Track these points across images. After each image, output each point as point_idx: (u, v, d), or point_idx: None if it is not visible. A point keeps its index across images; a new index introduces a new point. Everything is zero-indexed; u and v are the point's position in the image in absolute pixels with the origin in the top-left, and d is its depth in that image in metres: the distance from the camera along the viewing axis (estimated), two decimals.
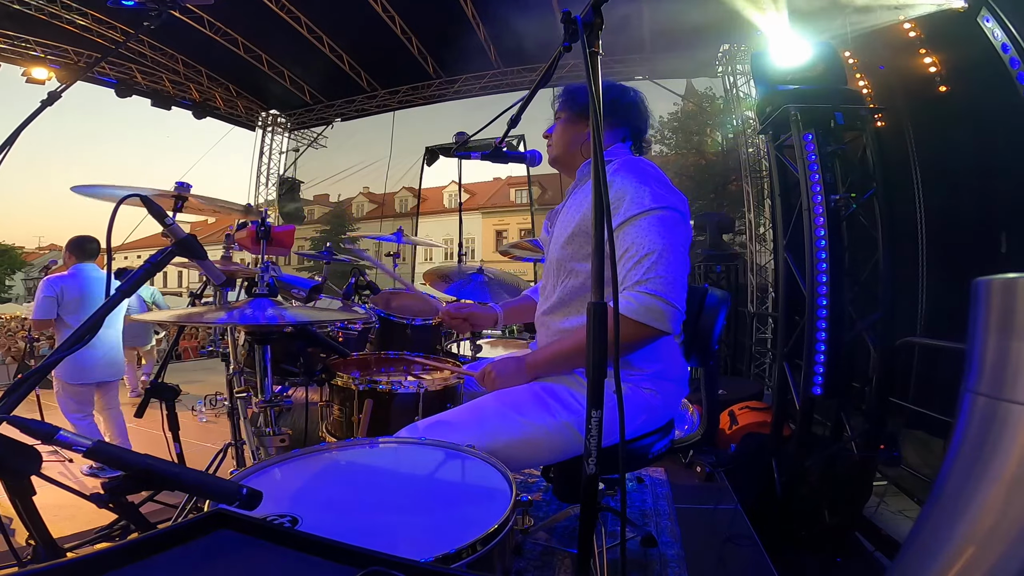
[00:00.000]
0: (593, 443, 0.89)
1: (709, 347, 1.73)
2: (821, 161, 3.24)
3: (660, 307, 1.25)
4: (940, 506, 1.21)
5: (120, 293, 1.07)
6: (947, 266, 3.78)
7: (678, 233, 1.34)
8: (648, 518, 2.42)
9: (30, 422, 0.74)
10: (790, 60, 3.44)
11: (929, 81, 3.59)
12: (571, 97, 1.57)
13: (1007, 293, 1.15)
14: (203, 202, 1.91)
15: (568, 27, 1.00)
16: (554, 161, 1.63)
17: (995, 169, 3.37)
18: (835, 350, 3.17)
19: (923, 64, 3.60)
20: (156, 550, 0.55)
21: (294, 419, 2.11)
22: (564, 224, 1.52)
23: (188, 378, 6.91)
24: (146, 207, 1.23)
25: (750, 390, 5.08)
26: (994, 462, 1.09)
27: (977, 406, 1.17)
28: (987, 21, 2.91)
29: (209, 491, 0.76)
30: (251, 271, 2.31)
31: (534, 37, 6.14)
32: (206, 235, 22.32)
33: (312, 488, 1.06)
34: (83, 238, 3.56)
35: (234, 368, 2.26)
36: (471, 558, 0.77)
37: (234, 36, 8.42)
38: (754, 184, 7.73)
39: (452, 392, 1.76)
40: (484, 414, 1.39)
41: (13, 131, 1.56)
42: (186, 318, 1.92)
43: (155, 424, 2.26)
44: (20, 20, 7.31)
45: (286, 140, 11.83)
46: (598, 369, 0.88)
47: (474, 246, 23.62)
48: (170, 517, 2.18)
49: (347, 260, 3.47)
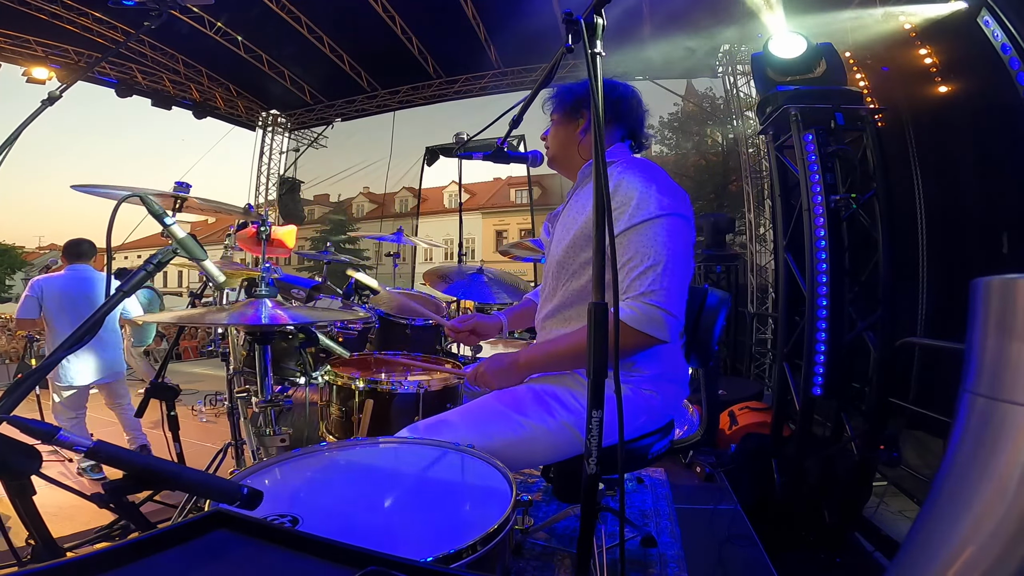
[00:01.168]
0: (594, 443, 0.89)
1: (709, 348, 1.73)
2: (821, 161, 3.23)
3: (661, 317, 1.26)
4: (939, 506, 1.21)
5: (120, 293, 1.07)
6: (948, 266, 3.79)
7: (681, 240, 1.34)
8: (648, 518, 2.42)
9: (30, 422, 0.74)
10: (790, 60, 3.43)
11: (930, 82, 3.60)
12: (561, 97, 1.57)
13: (1006, 294, 1.15)
14: (202, 203, 1.91)
15: (570, 28, 1.00)
16: (552, 162, 1.63)
17: (996, 170, 3.37)
18: (835, 350, 3.17)
19: (924, 65, 3.60)
20: (156, 550, 0.55)
21: (294, 419, 2.11)
22: (566, 226, 1.51)
23: (188, 378, 6.92)
24: (146, 207, 1.24)
25: (750, 390, 5.07)
26: (993, 462, 1.09)
27: (976, 407, 1.17)
28: (987, 24, 2.91)
29: (209, 491, 0.77)
30: (251, 271, 2.31)
31: (534, 37, 6.14)
32: (206, 235, 22.33)
33: (312, 488, 1.06)
34: (76, 240, 3.64)
35: (234, 368, 2.27)
36: (471, 558, 0.77)
37: (234, 36, 8.42)
38: (754, 184, 7.73)
39: (452, 392, 1.76)
40: (484, 414, 1.39)
41: (14, 131, 1.56)
42: (186, 319, 1.92)
43: (155, 424, 2.27)
44: (21, 19, 7.31)
45: (286, 140, 11.84)
46: (598, 370, 0.89)
47: (474, 246, 23.63)
48: (170, 517, 2.18)
49: (346, 260, 3.47)
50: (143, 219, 1.38)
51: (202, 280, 2.47)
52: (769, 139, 3.86)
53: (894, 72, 3.77)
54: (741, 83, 7.69)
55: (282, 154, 11.84)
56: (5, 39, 7.74)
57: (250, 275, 2.25)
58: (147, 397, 2.20)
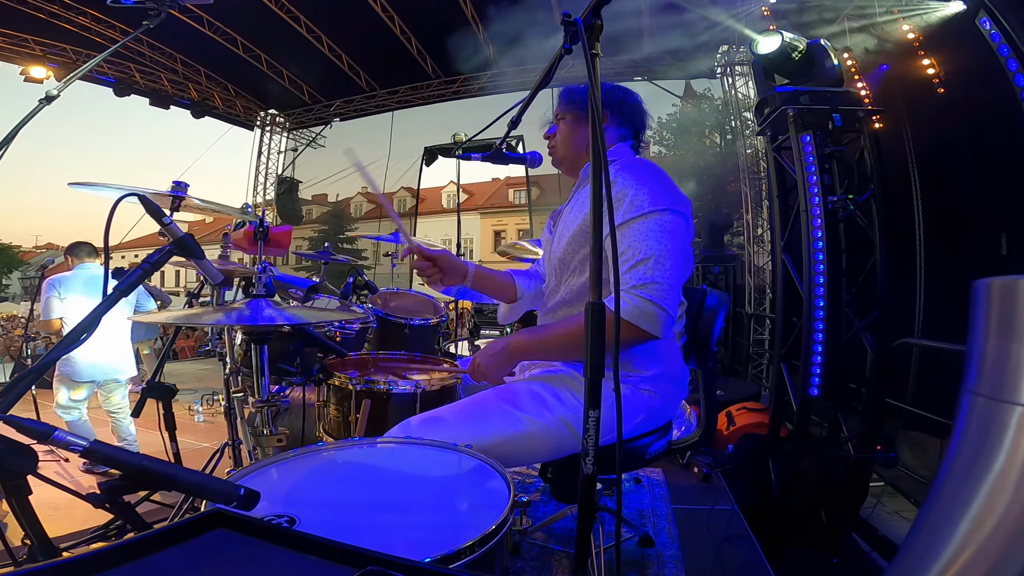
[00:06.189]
0: (590, 443, 0.89)
1: (708, 349, 1.73)
2: (819, 162, 3.24)
3: (654, 312, 1.24)
4: (939, 507, 1.21)
5: (117, 292, 1.06)
6: (945, 268, 3.79)
7: (676, 236, 1.33)
8: (645, 518, 2.42)
9: (27, 421, 0.73)
10: (789, 62, 3.43)
11: (927, 83, 3.60)
12: (576, 98, 1.57)
13: (1007, 295, 1.15)
14: (200, 203, 1.90)
15: (568, 29, 1.00)
16: (559, 162, 1.63)
17: (994, 171, 3.37)
18: (832, 351, 3.18)
19: (921, 66, 3.61)
20: (153, 549, 0.55)
21: (291, 419, 2.10)
22: (567, 223, 1.53)
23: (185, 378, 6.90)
24: (144, 206, 1.23)
25: (747, 391, 5.08)
26: (993, 463, 1.10)
27: (976, 407, 1.17)
28: (984, 24, 2.91)
29: (206, 491, 0.76)
30: (249, 271, 2.30)
31: (533, 37, 6.15)
32: (204, 234, 22.30)
33: (310, 488, 1.06)
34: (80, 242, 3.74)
35: (231, 368, 2.26)
36: (470, 558, 0.77)
37: (233, 35, 8.41)
38: (752, 185, 7.73)
39: (450, 392, 1.76)
40: (480, 410, 1.39)
41: (11, 130, 1.56)
42: (184, 319, 1.91)
43: (152, 424, 2.26)
44: (19, 18, 7.30)
45: (284, 140, 11.83)
46: (596, 369, 0.88)
47: (472, 246, 23.62)
48: (167, 517, 2.17)
49: (345, 260, 3.47)
50: (140, 218, 1.38)
51: (199, 280, 2.46)
52: (767, 140, 3.87)
53: (892, 73, 3.77)
54: (739, 84, 7.70)
55: (280, 154, 11.85)
56: (3, 38, 7.72)
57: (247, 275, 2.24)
58: (144, 397, 2.20)
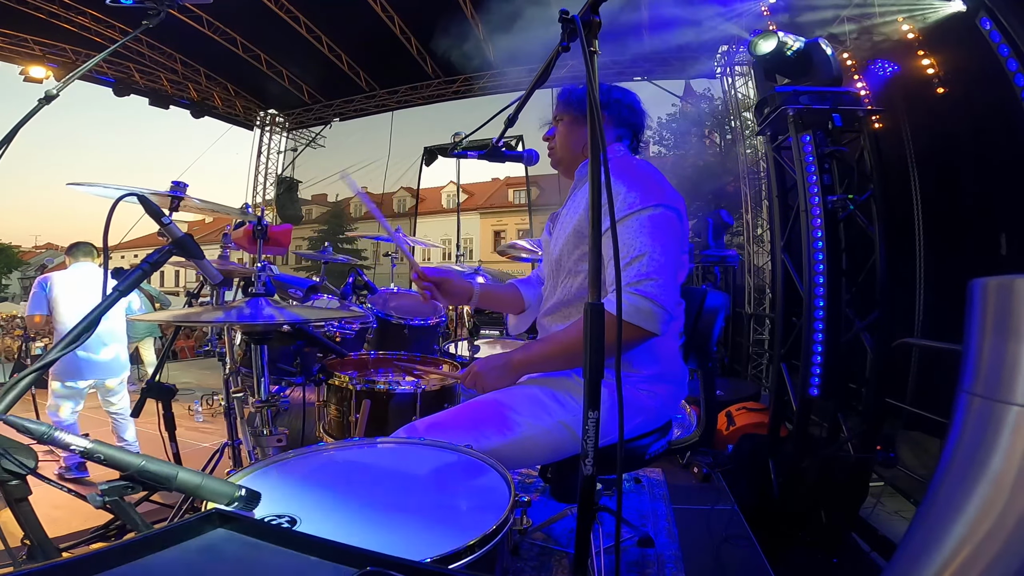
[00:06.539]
0: (590, 443, 0.89)
1: (708, 349, 1.73)
2: (819, 162, 3.24)
3: (651, 308, 1.24)
4: (936, 506, 1.21)
5: (117, 292, 1.06)
6: (945, 267, 3.79)
7: (670, 231, 1.33)
8: (646, 518, 2.42)
9: (27, 422, 0.73)
10: (789, 62, 3.43)
11: (927, 83, 3.60)
12: (573, 99, 1.57)
13: (1004, 294, 1.15)
14: (199, 203, 1.90)
15: (566, 27, 0.99)
16: (558, 163, 1.63)
17: (994, 171, 3.37)
18: (832, 351, 3.18)
19: (922, 66, 3.61)
20: (153, 549, 0.55)
21: (291, 419, 2.10)
22: (564, 225, 1.53)
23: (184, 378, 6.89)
24: (143, 206, 1.23)
25: (747, 391, 5.08)
26: (990, 463, 1.10)
27: (973, 407, 1.17)
28: (984, 24, 2.91)
29: (206, 491, 0.76)
30: (248, 270, 2.30)
31: (533, 37, 6.14)
32: (203, 234, 22.28)
33: (310, 488, 1.06)
34: (80, 242, 3.73)
35: (231, 368, 2.26)
36: (470, 558, 0.77)
37: (233, 35, 8.41)
38: (752, 185, 7.72)
39: (450, 392, 1.76)
40: (482, 413, 1.39)
41: (10, 130, 1.56)
42: (183, 318, 1.91)
43: (152, 423, 2.26)
44: (18, 18, 7.29)
45: (284, 140, 11.82)
46: (595, 370, 0.88)
47: (472, 246, 23.62)
48: (166, 517, 2.17)
49: (345, 260, 3.47)
50: (140, 218, 1.38)
51: (199, 280, 2.46)
52: (767, 140, 3.87)
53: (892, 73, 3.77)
54: (739, 84, 7.70)
55: (280, 154, 11.84)
56: (3, 38, 7.71)
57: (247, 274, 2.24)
58: (143, 397, 2.20)
